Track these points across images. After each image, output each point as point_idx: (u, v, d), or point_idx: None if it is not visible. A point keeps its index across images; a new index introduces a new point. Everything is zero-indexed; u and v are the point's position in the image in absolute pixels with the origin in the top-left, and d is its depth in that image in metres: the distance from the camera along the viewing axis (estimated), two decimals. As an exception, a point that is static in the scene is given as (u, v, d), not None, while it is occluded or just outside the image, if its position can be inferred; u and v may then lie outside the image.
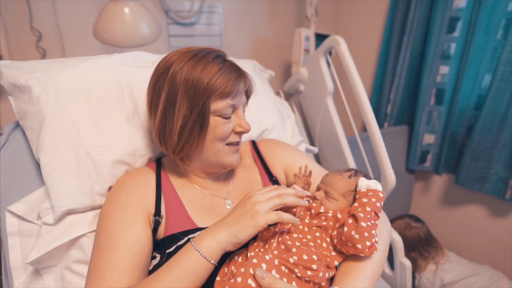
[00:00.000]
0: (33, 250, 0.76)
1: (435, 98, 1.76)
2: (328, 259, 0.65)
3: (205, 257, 0.60)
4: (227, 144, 0.79)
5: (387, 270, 1.38)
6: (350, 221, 0.64)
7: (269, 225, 0.63)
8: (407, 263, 1.23)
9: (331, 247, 0.67)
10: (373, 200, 0.66)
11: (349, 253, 0.65)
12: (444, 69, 1.69)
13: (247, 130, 0.79)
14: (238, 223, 0.62)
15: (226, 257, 0.66)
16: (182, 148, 0.77)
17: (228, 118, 0.77)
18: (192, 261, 0.60)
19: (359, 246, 0.61)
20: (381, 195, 0.67)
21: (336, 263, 0.66)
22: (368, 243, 0.61)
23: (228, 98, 0.75)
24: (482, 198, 1.75)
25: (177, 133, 0.75)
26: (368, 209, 0.64)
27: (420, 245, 1.67)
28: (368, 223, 0.62)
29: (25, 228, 0.82)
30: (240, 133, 0.80)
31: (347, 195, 0.72)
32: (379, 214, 0.66)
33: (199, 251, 0.60)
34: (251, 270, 0.57)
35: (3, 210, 0.81)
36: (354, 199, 0.70)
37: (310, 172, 0.81)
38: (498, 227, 1.73)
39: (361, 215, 0.63)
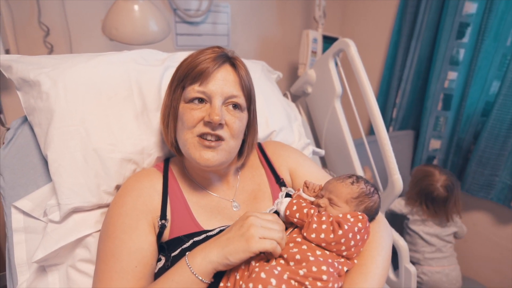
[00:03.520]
0: (39, 249, 0.75)
1: (443, 104, 1.75)
2: (339, 266, 0.64)
3: (196, 275, 0.61)
4: (199, 136, 0.74)
5: (392, 276, 1.37)
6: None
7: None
8: (412, 268, 1.23)
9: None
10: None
11: (333, 251, 0.66)
12: (452, 75, 1.68)
13: (213, 121, 0.70)
14: (231, 245, 0.61)
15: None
16: (170, 139, 0.81)
17: (196, 104, 0.74)
18: (184, 277, 0.61)
19: (305, 234, 0.66)
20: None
21: (345, 269, 0.66)
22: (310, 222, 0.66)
23: (195, 84, 0.74)
24: (487, 205, 1.75)
25: (161, 122, 0.83)
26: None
27: (427, 199, 1.58)
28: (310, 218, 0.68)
29: (31, 224, 0.81)
30: (208, 124, 0.73)
31: (350, 202, 0.73)
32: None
33: (191, 269, 0.61)
34: (260, 287, 0.55)
35: (9, 206, 0.81)
36: (357, 205, 0.73)
37: (320, 187, 0.80)
38: (502, 234, 1.72)
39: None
